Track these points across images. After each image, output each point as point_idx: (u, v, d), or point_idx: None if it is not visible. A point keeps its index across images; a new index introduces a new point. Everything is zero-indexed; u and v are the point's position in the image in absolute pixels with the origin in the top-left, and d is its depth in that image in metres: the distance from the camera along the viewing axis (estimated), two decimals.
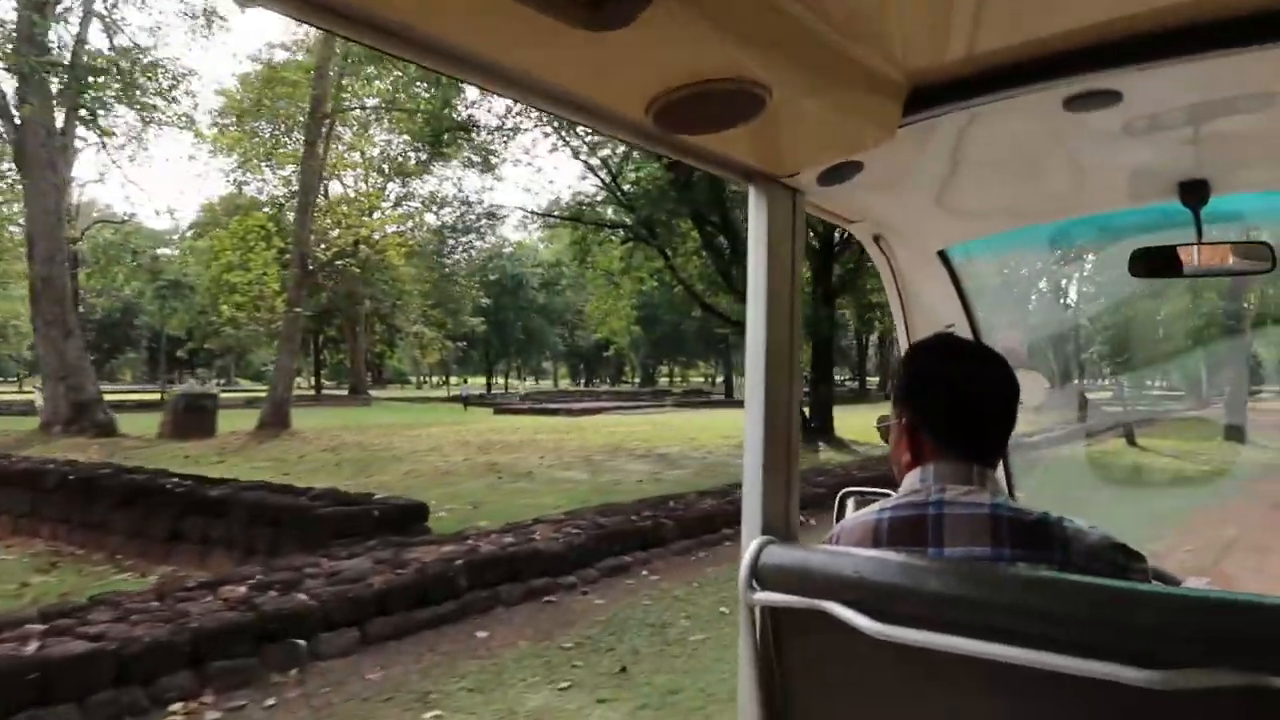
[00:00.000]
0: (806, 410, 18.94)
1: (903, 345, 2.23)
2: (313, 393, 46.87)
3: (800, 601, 1.17)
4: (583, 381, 76.59)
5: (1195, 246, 1.71)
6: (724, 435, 20.34)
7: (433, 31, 0.83)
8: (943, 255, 2.14)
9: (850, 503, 1.83)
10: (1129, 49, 1.04)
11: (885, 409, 1.53)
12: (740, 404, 2.13)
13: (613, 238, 23.10)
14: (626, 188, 20.56)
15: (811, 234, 18.72)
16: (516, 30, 0.79)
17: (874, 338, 52.03)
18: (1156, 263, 1.79)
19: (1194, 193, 1.67)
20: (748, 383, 1.41)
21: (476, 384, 61.06)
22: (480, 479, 13.45)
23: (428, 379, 75.42)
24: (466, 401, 38.43)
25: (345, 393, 47.15)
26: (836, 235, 18.07)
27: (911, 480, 1.30)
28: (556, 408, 35.28)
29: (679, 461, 16.22)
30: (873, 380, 54.78)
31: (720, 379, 66.21)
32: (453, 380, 66.56)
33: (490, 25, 0.81)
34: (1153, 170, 1.64)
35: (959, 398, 1.31)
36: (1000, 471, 1.49)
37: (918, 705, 1.13)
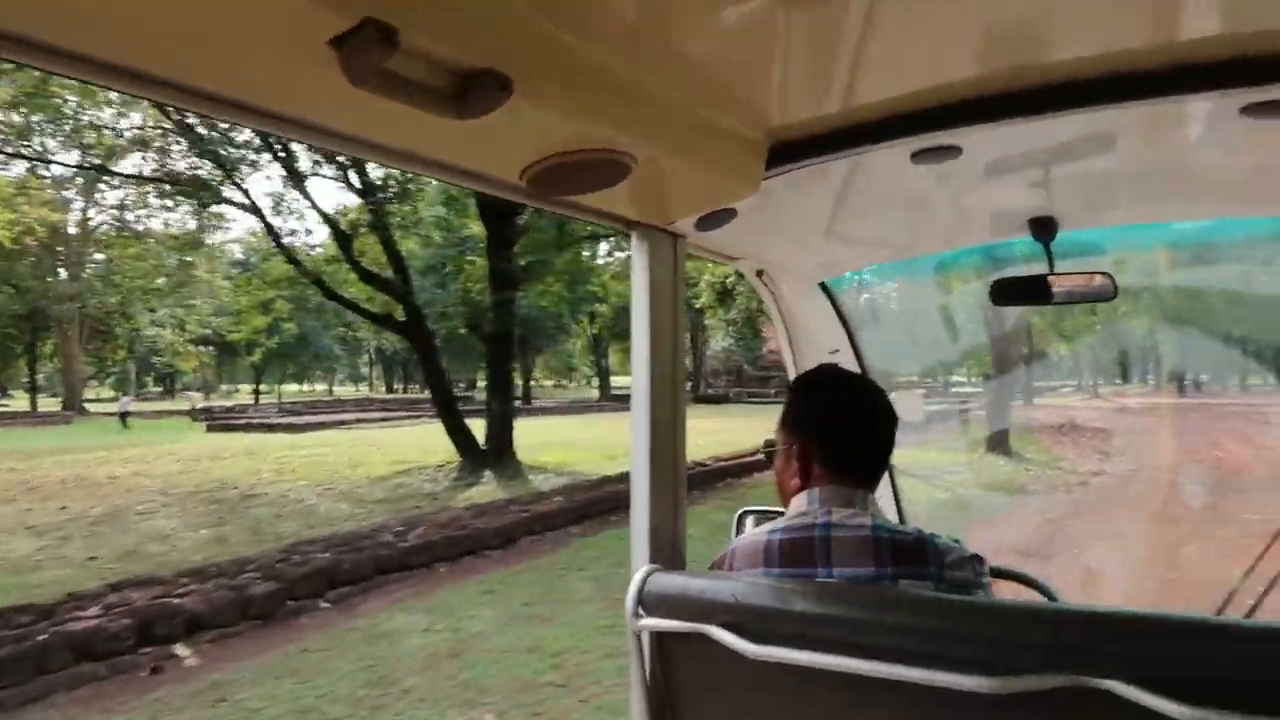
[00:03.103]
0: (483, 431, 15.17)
1: (790, 373, 2.30)
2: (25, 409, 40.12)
3: (684, 626, 1.23)
4: (384, 389, 70.53)
5: (1047, 277, 1.85)
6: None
7: (312, 116, 0.89)
8: (824, 286, 2.31)
9: (749, 521, 1.95)
10: (963, 110, 1.15)
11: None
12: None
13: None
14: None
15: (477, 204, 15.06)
16: (390, 115, 0.83)
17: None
18: (1014, 292, 1.94)
19: (1043, 228, 1.85)
20: (633, 415, 1.45)
21: (252, 391, 54.89)
22: None
23: (213, 389, 67.53)
24: (125, 417, 32.72)
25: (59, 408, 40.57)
26: (522, 207, 14.40)
27: (799, 503, 1.38)
28: (289, 423, 30.42)
29: (280, 506, 12.19)
30: (622, 382, 51.69)
31: (555, 381, 62.11)
32: (243, 389, 59.38)
33: (365, 109, 0.84)
34: (1004, 209, 1.81)
35: (843, 427, 1.41)
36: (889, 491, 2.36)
37: None
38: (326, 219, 14.24)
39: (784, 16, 0.96)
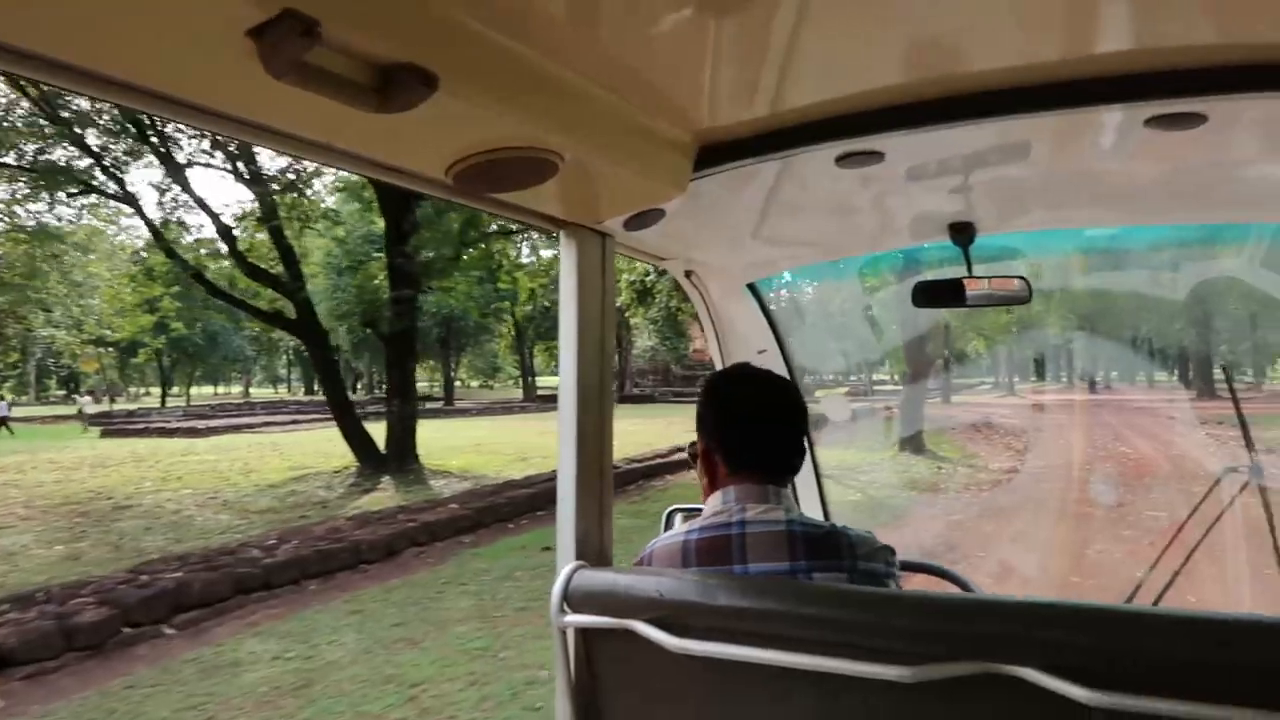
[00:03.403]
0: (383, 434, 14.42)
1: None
2: None
3: (608, 622, 1.24)
4: (303, 391, 68.11)
5: (966, 280, 1.91)
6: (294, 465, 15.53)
7: (232, 109, 0.87)
8: (752, 287, 2.33)
9: (678, 518, 1.94)
10: (886, 116, 1.19)
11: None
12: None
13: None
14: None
15: (371, 191, 14.31)
16: (312, 108, 0.81)
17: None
18: (935, 294, 1.97)
19: (962, 233, 1.89)
20: (561, 414, 1.46)
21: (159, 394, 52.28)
22: None
23: (119, 392, 64.31)
24: (4, 422, 30.66)
25: None
26: (421, 199, 13.69)
27: (714, 502, 1.41)
28: (190, 427, 28.97)
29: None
30: (552, 382, 50.76)
31: (480, 382, 60.75)
32: (155, 392, 56.53)
33: (287, 102, 0.82)
34: (925, 214, 1.84)
35: (742, 424, 1.44)
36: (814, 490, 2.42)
37: (714, 714, 1.21)
38: (206, 210, 13.28)
39: (713, 20, 0.97)
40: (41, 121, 12.38)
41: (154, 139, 12.77)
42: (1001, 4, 0.96)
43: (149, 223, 14.02)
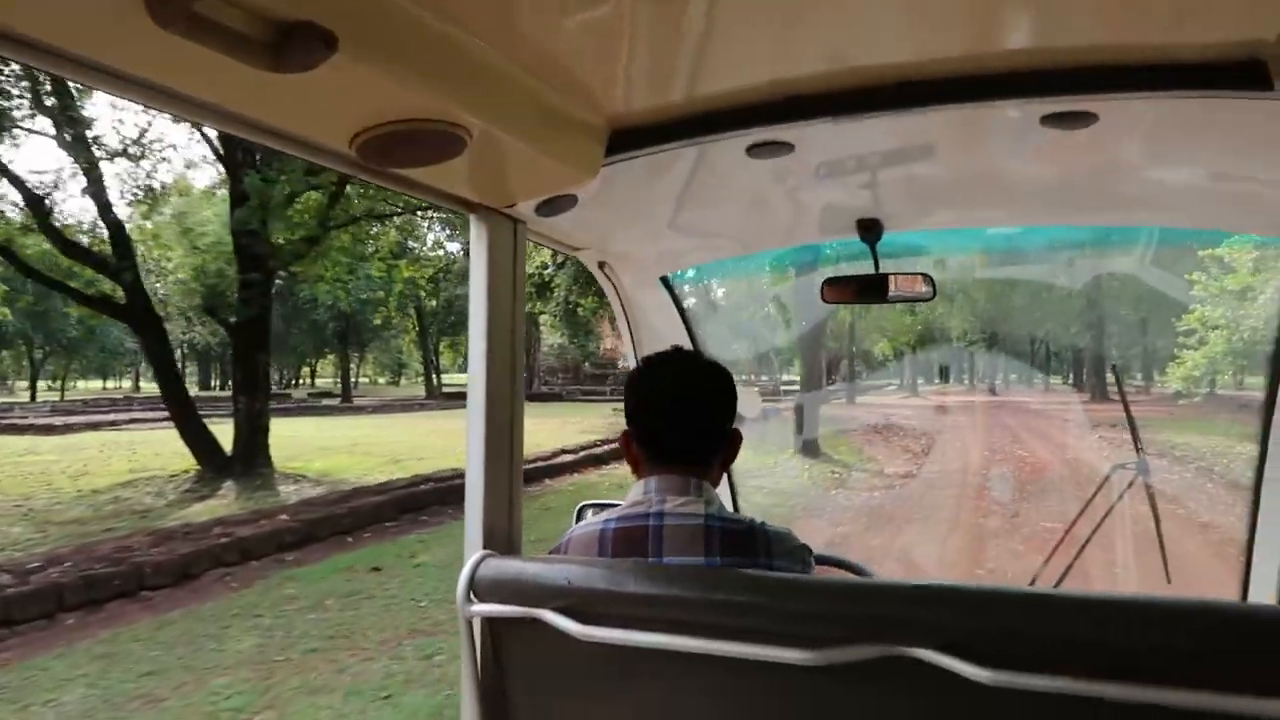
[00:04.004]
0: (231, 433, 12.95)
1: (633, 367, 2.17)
2: None
3: (516, 611, 1.23)
4: (196, 386, 64.34)
5: (874, 278, 1.96)
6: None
7: (116, 62, 0.81)
8: (665, 281, 2.34)
9: (589, 514, 1.85)
10: (797, 106, 1.20)
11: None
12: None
13: None
14: None
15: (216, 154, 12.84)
16: (203, 67, 0.78)
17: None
18: (843, 290, 2.05)
19: (869, 229, 1.91)
20: (470, 402, 1.44)
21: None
22: None
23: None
24: None
25: None
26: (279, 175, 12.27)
27: (635, 492, 1.39)
28: (48, 424, 26.51)
29: None
30: (458, 380, 48.53)
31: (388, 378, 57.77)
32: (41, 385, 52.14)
33: (178, 58, 0.78)
34: (835, 209, 1.86)
35: (659, 413, 1.42)
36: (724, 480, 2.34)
37: (624, 702, 1.20)
38: (9, 176, 11.53)
39: (629, 3, 0.96)
40: None
41: None
42: (904, 0, 0.98)
43: None
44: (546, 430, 20.60)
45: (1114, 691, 0.88)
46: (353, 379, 60.62)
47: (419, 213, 16.26)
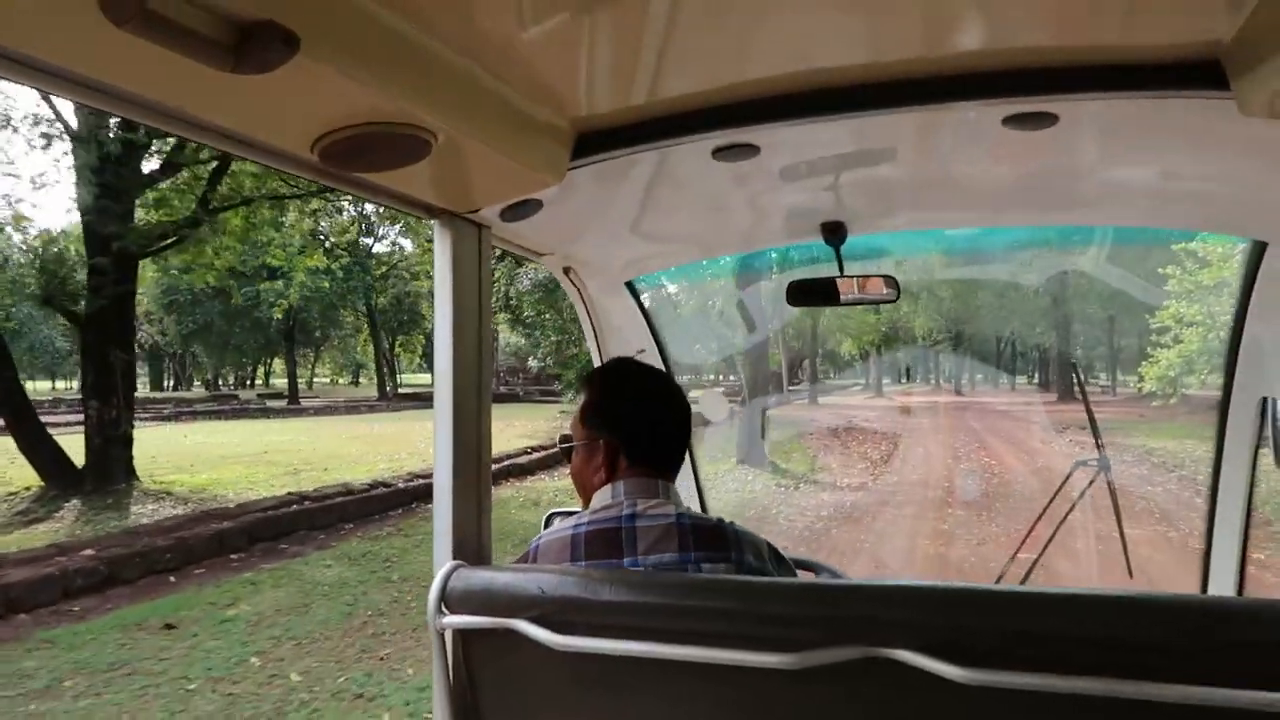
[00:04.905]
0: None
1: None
2: None
3: (488, 622, 1.21)
4: (148, 386, 61.55)
5: (838, 280, 1.96)
6: None
7: (69, 63, 0.79)
8: (630, 286, 2.35)
9: (556, 522, 1.74)
10: (761, 108, 1.21)
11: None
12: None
13: None
14: None
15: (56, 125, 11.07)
16: (163, 68, 0.77)
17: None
18: (808, 293, 2.04)
19: (834, 232, 1.92)
20: (437, 408, 1.42)
21: None
22: None
23: None
24: None
25: None
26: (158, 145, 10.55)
27: (603, 496, 1.41)
28: None
29: None
30: (417, 380, 46.02)
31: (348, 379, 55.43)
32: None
33: (133, 59, 0.76)
34: (799, 212, 1.86)
35: (646, 421, 1.46)
36: (692, 484, 2.57)
37: (600, 711, 1.19)
38: None
39: (590, 4, 0.96)
40: None
41: None
42: (865, 2, 0.98)
43: None
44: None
45: (1092, 686, 0.89)
46: (311, 379, 58.60)
47: (330, 195, 14.40)
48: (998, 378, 46.31)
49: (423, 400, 40.12)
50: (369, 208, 35.03)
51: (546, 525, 1.95)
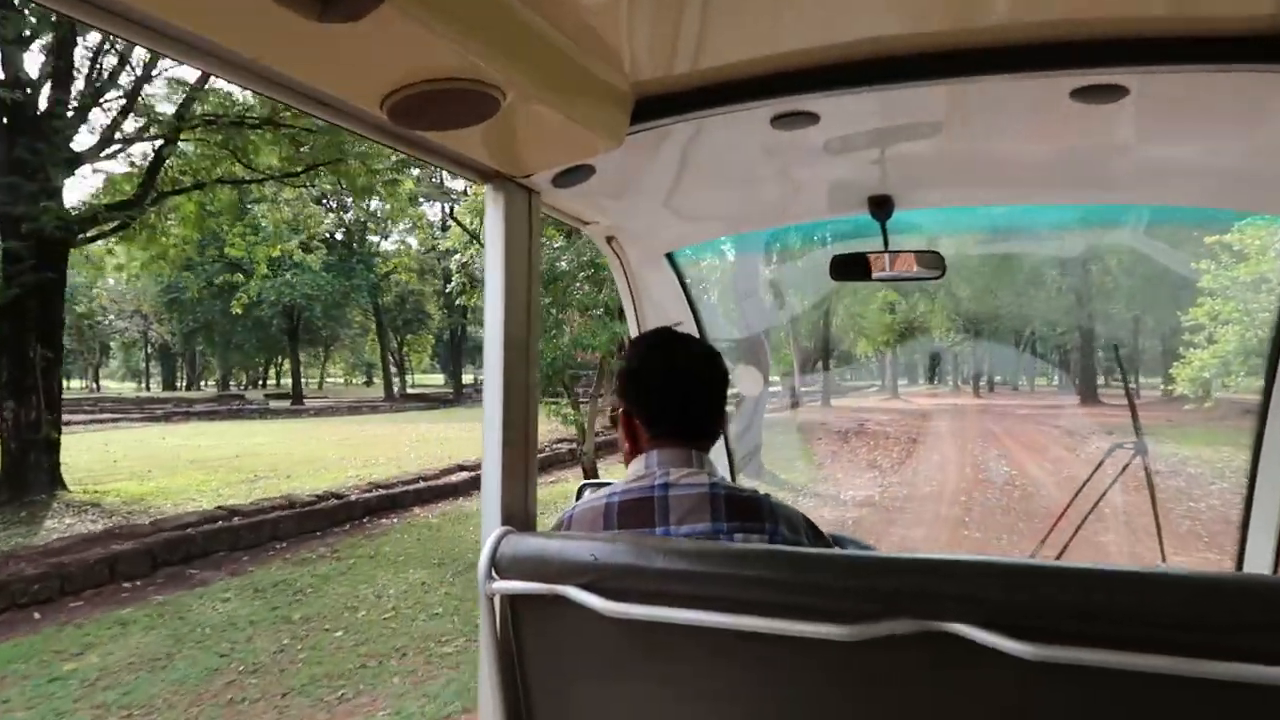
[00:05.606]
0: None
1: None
2: None
3: (538, 587, 1.21)
4: (160, 385, 60.82)
5: (884, 255, 1.95)
6: None
7: (151, 9, 0.79)
8: (670, 257, 2.34)
9: (587, 493, 1.83)
10: (825, 76, 1.20)
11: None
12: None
13: None
14: None
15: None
16: (241, 15, 0.78)
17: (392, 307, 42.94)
18: (852, 268, 1.99)
19: (881, 207, 1.92)
20: (486, 377, 1.44)
21: None
22: None
23: None
24: None
25: None
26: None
27: (636, 466, 1.40)
28: None
29: None
30: (428, 381, 44.61)
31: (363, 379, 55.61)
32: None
33: (211, 7, 0.77)
34: (847, 185, 1.87)
35: (659, 389, 1.44)
36: (723, 455, 2.49)
37: (649, 677, 1.18)
38: None
39: None
40: None
41: None
42: None
43: None
44: (455, 435, 17.96)
45: (1155, 664, 0.89)
46: (322, 379, 57.79)
47: (306, 175, 13.19)
48: (1017, 378, 44.96)
49: (428, 401, 39.37)
50: (375, 204, 34.14)
51: (579, 496, 1.92)
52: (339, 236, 39.09)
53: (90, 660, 5.06)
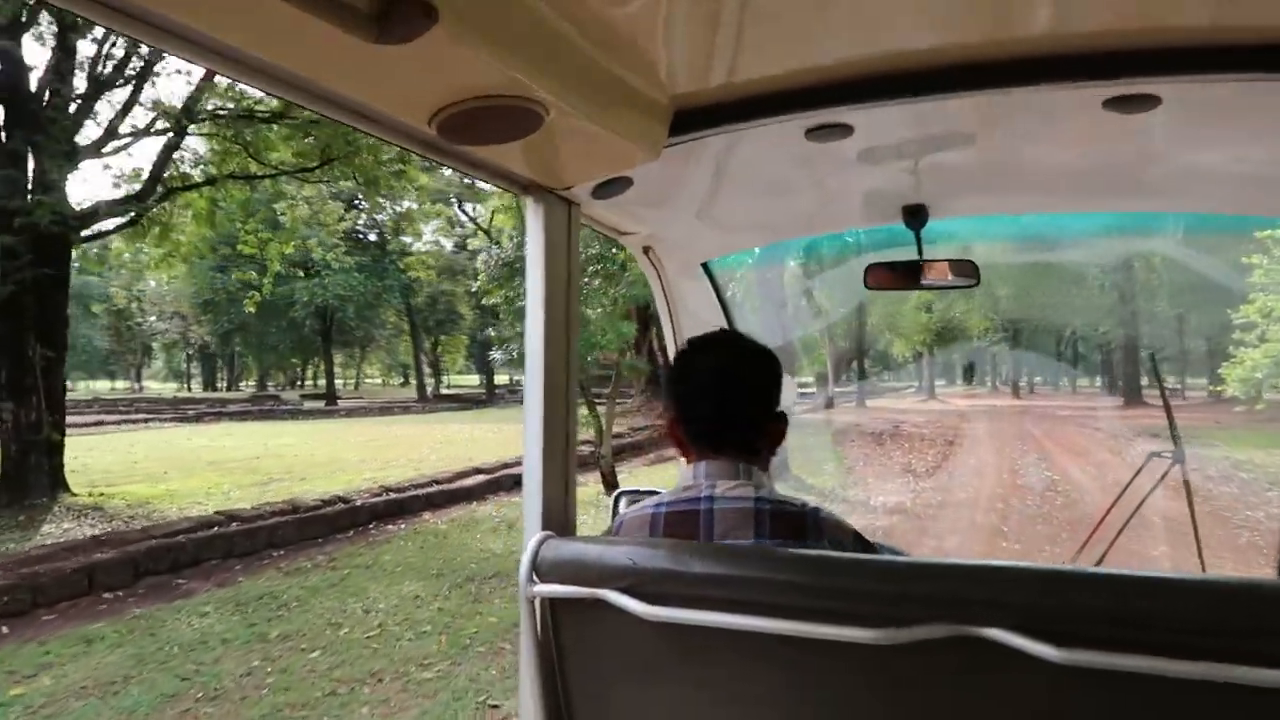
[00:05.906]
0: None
1: (671, 353, 2.23)
2: None
3: (578, 591, 1.22)
4: (200, 386, 61.38)
5: (919, 264, 1.97)
6: None
7: (207, 29, 0.80)
8: (705, 267, 2.35)
9: (624, 501, 1.95)
10: (859, 88, 1.21)
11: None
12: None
13: None
14: None
15: None
16: (298, 35, 0.79)
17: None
18: (886, 277, 2.03)
19: (915, 216, 1.93)
20: (527, 384, 1.44)
21: None
22: None
23: None
24: None
25: None
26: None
27: (685, 476, 1.38)
28: None
29: None
30: (462, 382, 44.60)
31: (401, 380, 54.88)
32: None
33: (269, 28, 0.79)
34: (880, 195, 1.87)
35: (709, 401, 1.37)
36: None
37: (688, 681, 1.19)
38: None
39: None
40: None
41: None
42: None
43: None
44: (478, 437, 17.58)
45: (1179, 668, 0.88)
46: (359, 379, 57.98)
47: (322, 170, 12.85)
48: (1058, 379, 43.80)
49: (461, 402, 39.26)
50: (406, 203, 34.00)
51: (615, 504, 2.05)
52: (371, 237, 39.09)
53: (41, 684, 4.67)
